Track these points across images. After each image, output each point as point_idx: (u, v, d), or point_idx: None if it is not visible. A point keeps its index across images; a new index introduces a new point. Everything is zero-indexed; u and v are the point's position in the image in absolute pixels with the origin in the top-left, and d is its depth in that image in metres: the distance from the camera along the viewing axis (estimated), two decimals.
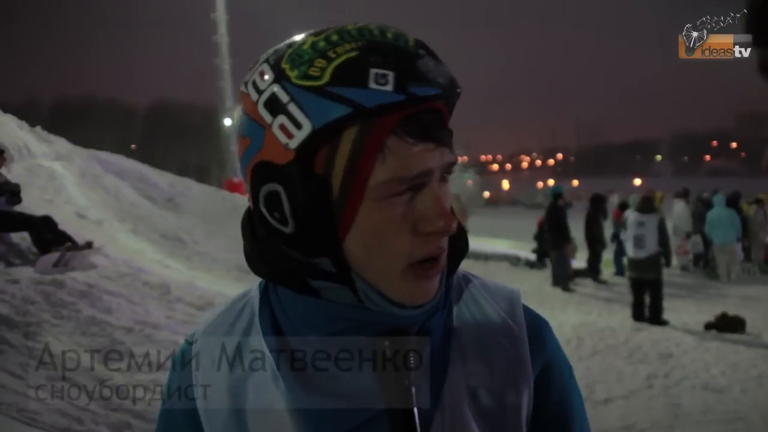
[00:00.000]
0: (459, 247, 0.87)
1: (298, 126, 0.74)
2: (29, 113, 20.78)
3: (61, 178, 10.40)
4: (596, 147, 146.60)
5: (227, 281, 9.18)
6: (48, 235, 6.88)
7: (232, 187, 24.11)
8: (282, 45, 0.80)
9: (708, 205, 14.00)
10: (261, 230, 0.83)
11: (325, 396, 0.79)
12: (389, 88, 0.72)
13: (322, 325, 0.81)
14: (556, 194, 12.80)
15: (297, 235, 0.78)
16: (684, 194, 15.29)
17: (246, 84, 0.81)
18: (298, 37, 0.80)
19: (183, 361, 0.91)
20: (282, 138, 0.75)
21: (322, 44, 0.76)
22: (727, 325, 8.61)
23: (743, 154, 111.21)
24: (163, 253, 9.70)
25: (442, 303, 0.87)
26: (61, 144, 12.47)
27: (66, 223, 7.68)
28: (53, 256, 6.60)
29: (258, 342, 0.85)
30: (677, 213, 14.95)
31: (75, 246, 6.95)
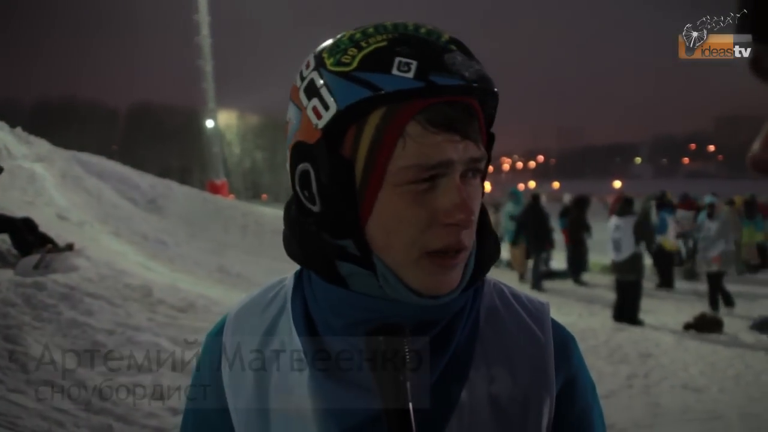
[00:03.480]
0: (489, 250, 0.88)
1: (326, 107, 0.78)
2: (9, 114, 20.53)
3: (41, 179, 10.31)
4: (577, 149, 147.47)
5: (209, 283, 9.14)
6: (28, 237, 6.83)
7: (215, 189, 24.04)
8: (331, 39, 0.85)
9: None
10: (294, 210, 0.87)
11: (346, 384, 0.83)
12: (410, 75, 0.75)
13: (346, 313, 0.83)
14: (534, 195, 13.16)
15: (323, 214, 0.81)
16: (661, 197, 15.42)
17: (297, 75, 0.86)
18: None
19: (215, 340, 0.95)
20: (313, 119, 0.80)
21: (358, 36, 0.81)
22: (706, 325, 8.74)
23: (720, 157, 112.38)
24: (145, 255, 9.63)
25: (470, 304, 0.89)
26: (42, 145, 12.36)
27: (47, 224, 7.62)
28: (34, 258, 6.54)
29: (286, 327, 0.89)
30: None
31: (56, 248, 6.90)
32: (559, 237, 13.89)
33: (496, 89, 0.81)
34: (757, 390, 6.25)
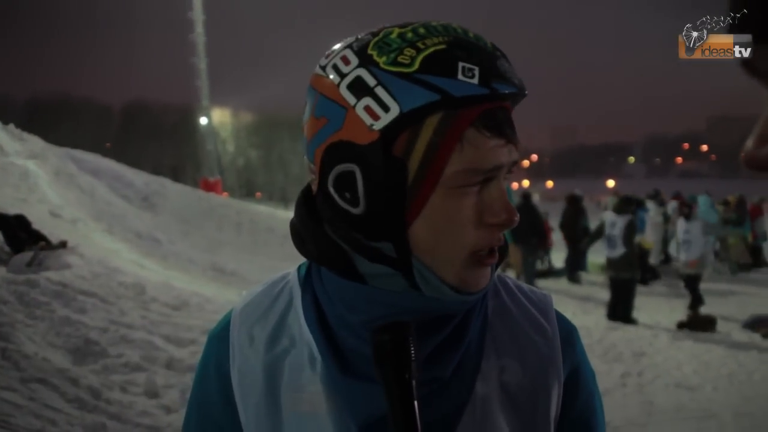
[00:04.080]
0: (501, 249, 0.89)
1: (386, 108, 0.77)
2: (2, 111, 20.49)
3: (34, 176, 10.28)
4: (570, 149, 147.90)
5: (203, 281, 9.12)
6: (21, 234, 6.80)
7: (208, 187, 23.97)
8: (363, 35, 0.83)
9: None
10: (325, 211, 0.83)
11: (360, 380, 0.83)
12: (475, 81, 0.76)
13: (363, 309, 0.82)
14: (525, 194, 13.26)
15: (365, 216, 0.79)
16: (655, 196, 15.48)
17: (324, 68, 0.83)
18: (378, 29, 0.83)
19: (221, 338, 0.94)
20: (366, 119, 0.77)
21: (410, 35, 0.79)
22: (699, 324, 8.77)
23: (713, 156, 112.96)
24: (139, 252, 9.61)
25: (480, 298, 0.89)
26: (35, 142, 12.32)
27: (40, 222, 7.59)
28: (27, 255, 6.52)
29: (295, 324, 0.89)
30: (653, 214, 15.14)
31: (49, 245, 6.87)
32: (558, 236, 13.98)
33: (526, 92, 0.83)
34: (751, 388, 6.28)
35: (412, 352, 0.78)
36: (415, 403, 0.76)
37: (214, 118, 38.54)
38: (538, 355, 0.91)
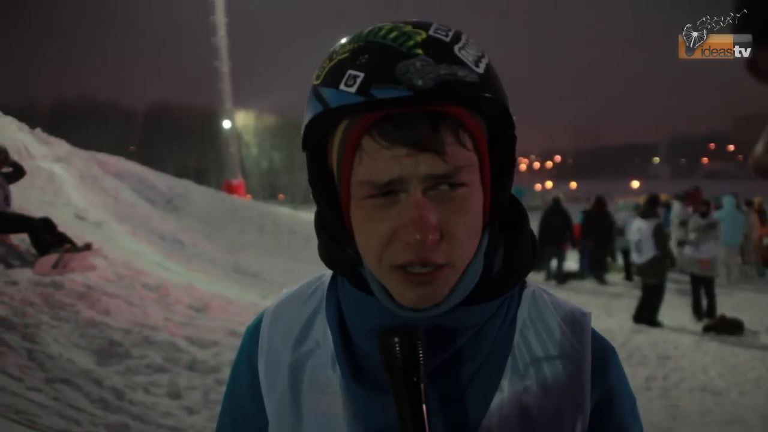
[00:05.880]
0: (517, 261, 0.85)
1: (303, 122, 0.80)
2: (29, 115, 20.77)
3: (60, 179, 10.40)
4: (594, 149, 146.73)
5: (226, 283, 9.17)
6: (47, 237, 6.88)
7: (231, 189, 24.11)
8: None
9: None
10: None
11: (370, 388, 0.83)
12: (353, 89, 0.73)
13: (373, 318, 0.83)
14: (555, 198, 13.57)
15: (334, 224, 0.84)
16: (684, 197, 15.31)
17: None
18: None
19: (253, 333, 0.96)
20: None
21: (337, 46, 0.80)
22: (725, 327, 8.63)
23: (740, 157, 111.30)
24: (162, 254, 9.69)
25: (505, 312, 0.86)
26: (61, 146, 12.47)
27: (65, 224, 7.68)
28: (52, 257, 6.60)
29: (322, 326, 0.90)
30: (675, 214, 14.98)
31: (74, 247, 6.95)
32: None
33: (494, 94, 0.76)
34: None
35: (421, 355, 0.76)
36: (424, 406, 0.75)
37: (238, 121, 38.77)
38: (564, 379, 0.84)
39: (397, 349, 0.76)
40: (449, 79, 0.72)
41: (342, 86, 0.74)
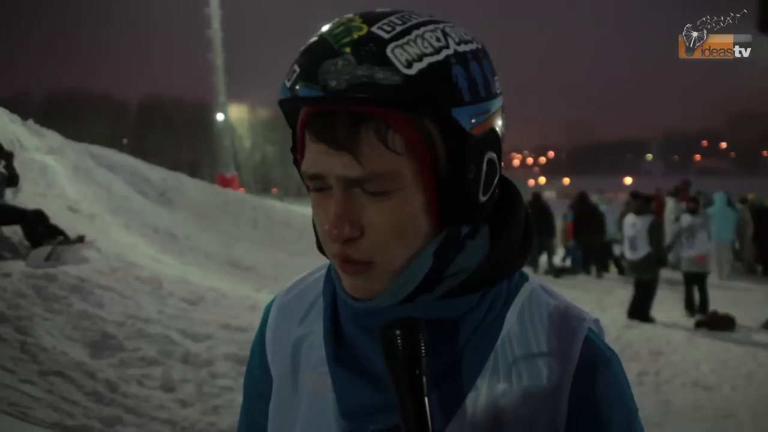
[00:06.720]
0: (499, 258, 0.84)
1: None
2: (21, 106, 20.65)
3: (53, 171, 10.34)
4: (587, 145, 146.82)
5: (219, 276, 9.16)
6: (40, 229, 6.85)
7: (224, 182, 24.06)
8: None
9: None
10: None
11: (348, 370, 0.85)
12: (288, 84, 0.76)
13: (347, 303, 0.85)
14: (535, 193, 14.20)
15: None
16: (676, 193, 15.36)
17: None
18: None
19: (267, 311, 1.02)
20: None
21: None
22: (717, 323, 8.69)
23: (733, 154, 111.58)
24: (156, 247, 9.67)
25: (484, 310, 0.84)
26: (54, 138, 12.39)
27: (58, 216, 7.65)
28: (45, 249, 6.57)
29: (320, 308, 0.93)
30: (669, 210, 15.04)
31: (67, 240, 6.93)
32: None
33: (423, 97, 0.73)
34: None
35: (423, 347, 0.76)
36: (426, 399, 0.75)
37: (231, 114, 38.66)
38: (545, 382, 0.80)
39: (399, 341, 0.76)
40: (364, 81, 0.72)
41: (285, 80, 0.77)
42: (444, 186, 0.77)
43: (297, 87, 0.75)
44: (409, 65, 0.73)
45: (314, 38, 0.78)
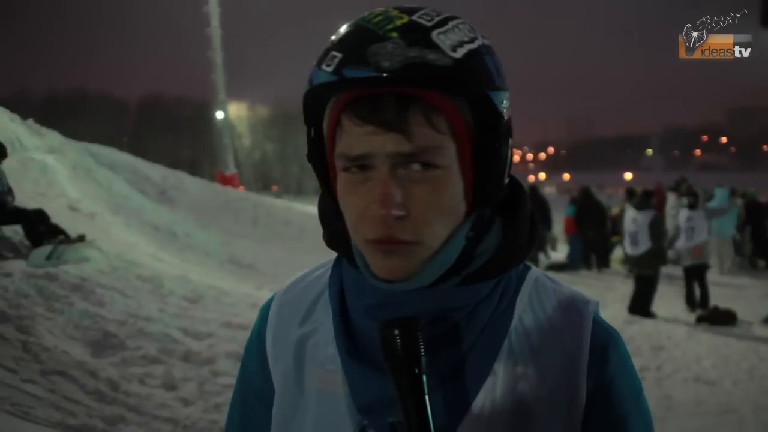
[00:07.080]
0: (511, 245, 0.87)
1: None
2: (21, 106, 20.62)
3: (53, 171, 10.34)
4: (587, 141, 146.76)
5: (220, 274, 9.17)
6: (40, 228, 6.86)
7: (224, 181, 24.05)
8: None
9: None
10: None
11: (363, 364, 0.85)
12: (330, 69, 0.77)
13: (366, 295, 0.86)
14: (533, 187, 14.39)
15: (328, 199, 0.88)
16: (677, 187, 15.33)
17: None
18: None
19: (264, 311, 1.01)
20: None
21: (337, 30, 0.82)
22: (719, 317, 8.67)
23: (733, 149, 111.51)
24: (156, 246, 9.67)
25: (498, 296, 0.86)
26: (54, 137, 12.38)
27: (58, 216, 7.65)
28: (46, 249, 6.58)
29: (325, 305, 0.93)
30: (671, 205, 15.03)
31: (68, 239, 6.93)
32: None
33: (470, 80, 0.77)
34: None
35: (422, 346, 0.77)
36: (427, 397, 0.76)
37: (231, 112, 38.62)
38: (560, 365, 0.84)
39: (398, 341, 0.77)
40: (416, 62, 0.74)
41: (323, 66, 0.78)
42: (481, 166, 0.81)
43: (344, 70, 0.76)
44: (454, 50, 0.77)
45: (348, 28, 0.80)
